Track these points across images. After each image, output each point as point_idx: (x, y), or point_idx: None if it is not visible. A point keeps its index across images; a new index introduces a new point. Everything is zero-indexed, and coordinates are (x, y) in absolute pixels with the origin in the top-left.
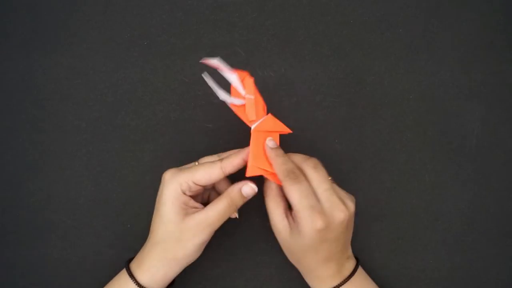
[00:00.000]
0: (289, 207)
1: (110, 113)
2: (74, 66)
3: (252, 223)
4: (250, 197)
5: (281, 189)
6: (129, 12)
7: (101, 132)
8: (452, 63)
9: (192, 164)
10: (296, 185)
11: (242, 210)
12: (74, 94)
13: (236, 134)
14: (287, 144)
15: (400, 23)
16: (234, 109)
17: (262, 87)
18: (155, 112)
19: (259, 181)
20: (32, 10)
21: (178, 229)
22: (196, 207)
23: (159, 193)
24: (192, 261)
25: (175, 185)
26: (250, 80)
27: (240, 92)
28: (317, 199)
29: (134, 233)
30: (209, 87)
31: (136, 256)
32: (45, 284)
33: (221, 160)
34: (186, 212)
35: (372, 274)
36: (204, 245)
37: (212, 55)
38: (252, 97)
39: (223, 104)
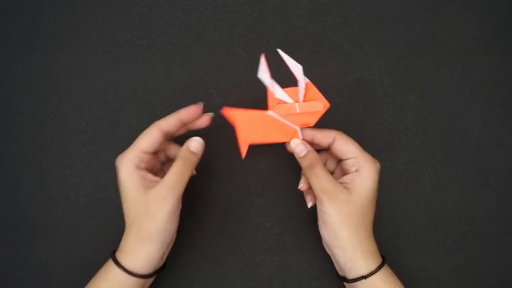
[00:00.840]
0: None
1: (110, 113)
2: (74, 66)
3: (252, 223)
4: (200, 150)
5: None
6: (129, 12)
7: (101, 132)
8: (452, 63)
9: None
10: (349, 138)
11: (243, 209)
12: (74, 94)
13: (234, 134)
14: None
15: (400, 23)
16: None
17: (262, 87)
18: (155, 112)
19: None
20: (32, 10)
21: (143, 203)
22: (154, 179)
23: (118, 180)
24: (171, 237)
25: (126, 162)
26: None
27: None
28: None
29: None
30: (210, 87)
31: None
32: (45, 284)
33: (158, 122)
34: (146, 185)
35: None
36: (176, 215)
37: (212, 55)
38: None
39: (223, 103)
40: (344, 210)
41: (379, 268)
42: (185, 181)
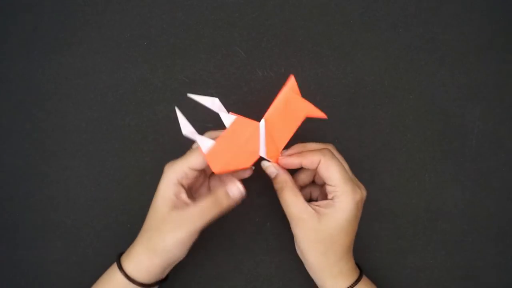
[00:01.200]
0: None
1: (110, 113)
2: (74, 66)
3: (252, 223)
4: (237, 199)
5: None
6: (129, 12)
7: (101, 132)
8: (452, 63)
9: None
10: (335, 160)
11: (243, 209)
12: (74, 94)
13: None
14: (287, 145)
15: (400, 23)
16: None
17: (262, 87)
18: (155, 112)
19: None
20: (32, 10)
21: (162, 219)
22: (186, 202)
23: (159, 184)
24: (175, 261)
25: (171, 174)
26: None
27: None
28: None
29: (134, 233)
30: (210, 87)
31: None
32: (45, 284)
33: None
34: (175, 205)
35: (372, 274)
36: (187, 245)
37: (212, 55)
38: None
39: (223, 103)
40: (311, 236)
41: (352, 286)
42: (207, 220)
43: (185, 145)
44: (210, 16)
